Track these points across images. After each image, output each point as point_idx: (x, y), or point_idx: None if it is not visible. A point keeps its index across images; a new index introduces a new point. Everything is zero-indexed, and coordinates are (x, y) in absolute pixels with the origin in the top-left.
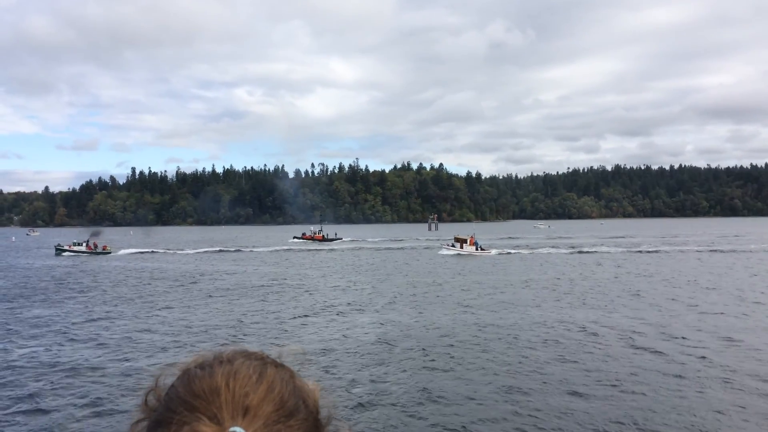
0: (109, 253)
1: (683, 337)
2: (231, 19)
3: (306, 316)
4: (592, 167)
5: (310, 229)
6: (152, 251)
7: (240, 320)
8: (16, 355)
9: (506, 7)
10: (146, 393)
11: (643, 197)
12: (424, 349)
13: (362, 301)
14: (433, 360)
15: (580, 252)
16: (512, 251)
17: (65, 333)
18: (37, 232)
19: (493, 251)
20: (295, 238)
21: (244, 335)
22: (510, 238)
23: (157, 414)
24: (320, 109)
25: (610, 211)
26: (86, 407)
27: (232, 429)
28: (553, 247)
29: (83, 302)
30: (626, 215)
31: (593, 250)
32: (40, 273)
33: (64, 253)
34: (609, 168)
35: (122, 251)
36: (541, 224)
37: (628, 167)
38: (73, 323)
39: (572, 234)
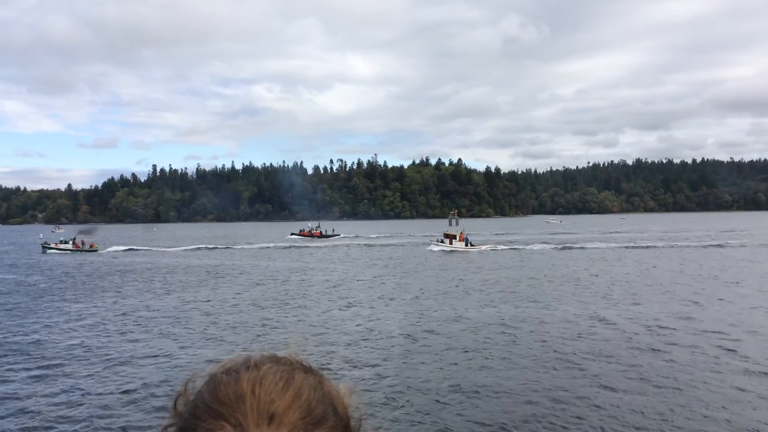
0: (96, 251)
1: (667, 327)
2: (245, 17)
3: (287, 313)
4: (612, 161)
5: (308, 225)
6: (141, 248)
7: (211, 312)
8: None
9: (524, 0)
10: (176, 398)
11: (665, 191)
12: (408, 335)
13: (342, 296)
14: (418, 352)
15: (569, 248)
16: (502, 247)
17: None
18: (62, 229)
19: (483, 247)
20: (292, 234)
21: (212, 325)
22: (507, 233)
23: (184, 420)
24: (338, 105)
25: (632, 205)
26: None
27: None
28: (544, 243)
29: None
30: (648, 210)
31: (586, 246)
32: (18, 270)
33: (51, 251)
34: (630, 162)
35: (110, 249)
36: (553, 219)
37: (650, 161)
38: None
39: (579, 229)
